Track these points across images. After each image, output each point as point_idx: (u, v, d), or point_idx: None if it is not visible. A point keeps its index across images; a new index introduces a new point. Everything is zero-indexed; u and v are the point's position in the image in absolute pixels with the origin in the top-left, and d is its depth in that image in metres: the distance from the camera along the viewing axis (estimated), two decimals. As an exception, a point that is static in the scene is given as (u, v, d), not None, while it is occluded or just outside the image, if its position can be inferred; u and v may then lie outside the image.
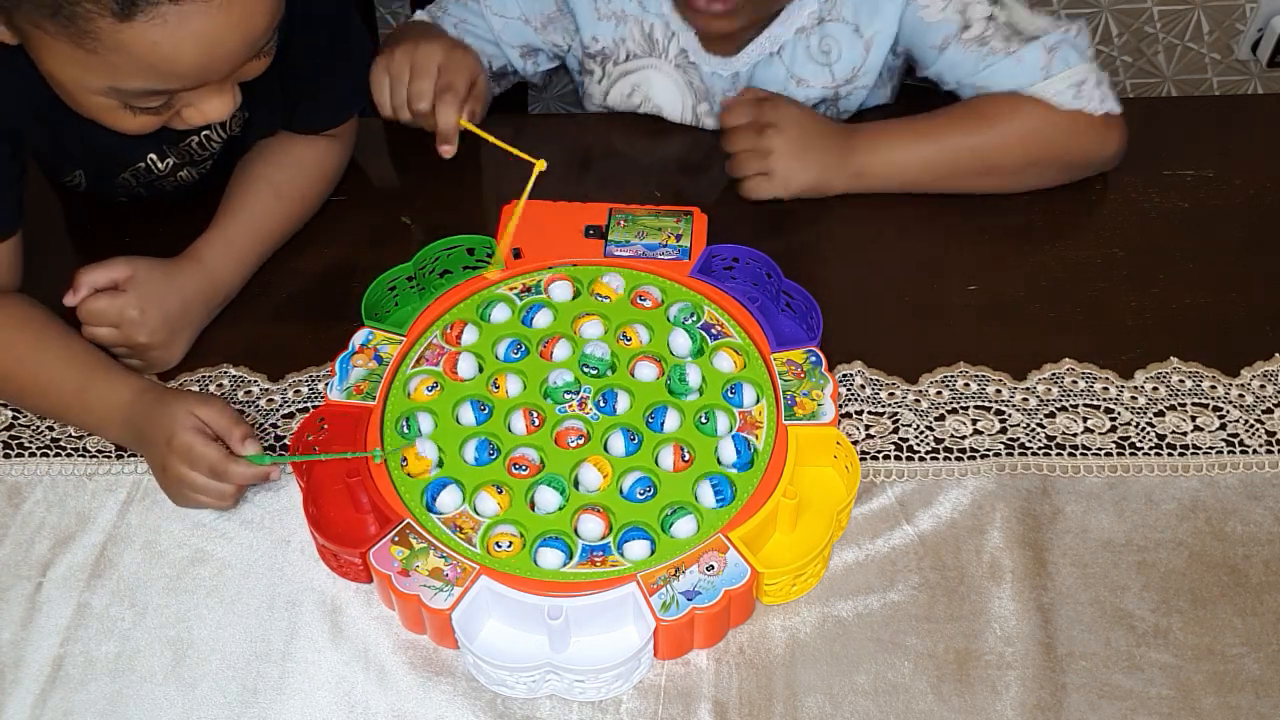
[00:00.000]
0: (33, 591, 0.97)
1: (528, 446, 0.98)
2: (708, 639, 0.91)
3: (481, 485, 0.95)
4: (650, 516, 0.93)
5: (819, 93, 1.33)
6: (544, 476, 0.95)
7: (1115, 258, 1.21)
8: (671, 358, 1.05)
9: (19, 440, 1.07)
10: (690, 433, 0.99)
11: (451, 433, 0.99)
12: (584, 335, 1.06)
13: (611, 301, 1.09)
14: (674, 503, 0.94)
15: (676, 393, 1.01)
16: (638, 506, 0.94)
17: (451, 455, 0.97)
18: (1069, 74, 1.21)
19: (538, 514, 0.94)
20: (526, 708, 0.89)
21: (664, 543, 0.92)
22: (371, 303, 1.08)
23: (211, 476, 0.97)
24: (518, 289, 1.10)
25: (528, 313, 1.08)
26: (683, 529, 0.92)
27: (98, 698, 0.90)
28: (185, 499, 1.00)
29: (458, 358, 1.03)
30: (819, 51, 1.30)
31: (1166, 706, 0.88)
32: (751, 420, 0.99)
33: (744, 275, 1.13)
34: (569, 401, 1.01)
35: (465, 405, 1.00)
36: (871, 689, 0.89)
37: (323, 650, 0.92)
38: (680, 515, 0.93)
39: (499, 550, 0.91)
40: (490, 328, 1.07)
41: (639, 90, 1.38)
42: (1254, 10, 2.06)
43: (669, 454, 0.97)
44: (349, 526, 0.95)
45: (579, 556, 0.91)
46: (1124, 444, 1.04)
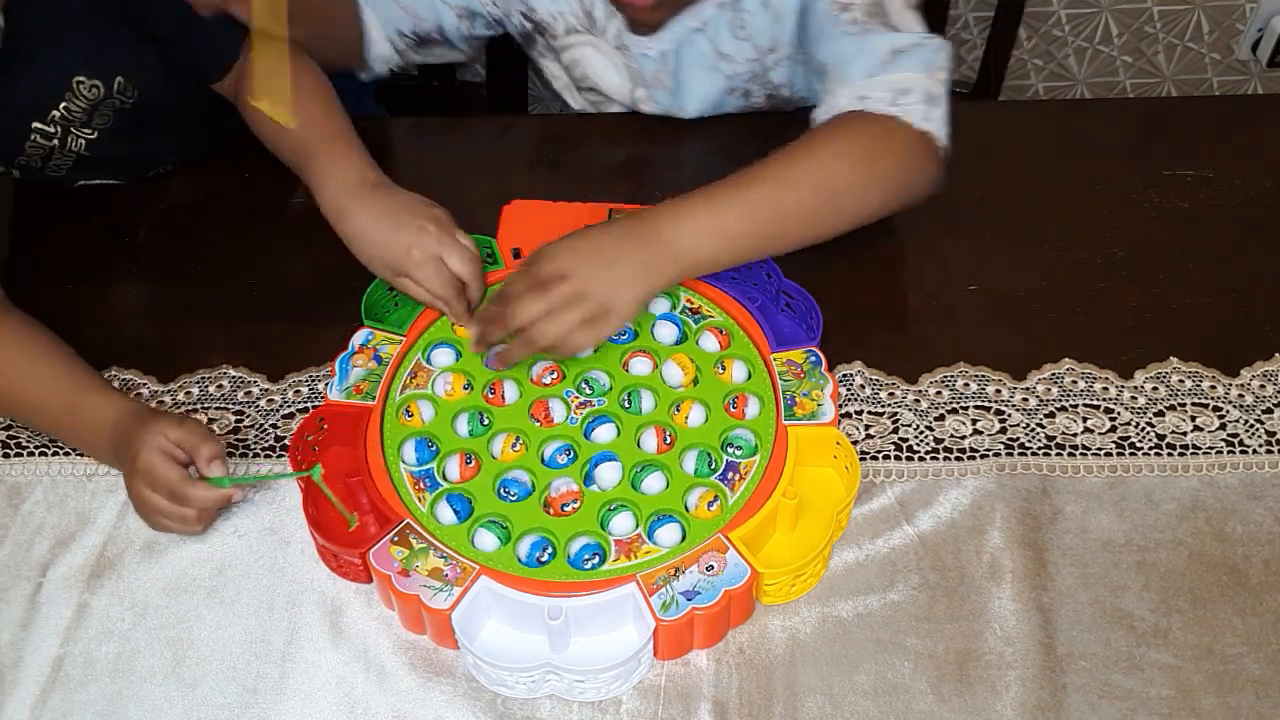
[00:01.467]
0: (33, 592, 0.97)
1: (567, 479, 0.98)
2: (707, 639, 0.91)
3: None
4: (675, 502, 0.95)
5: (745, 66, 1.31)
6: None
7: (1115, 258, 1.20)
8: (661, 348, 1.06)
9: (18, 440, 1.07)
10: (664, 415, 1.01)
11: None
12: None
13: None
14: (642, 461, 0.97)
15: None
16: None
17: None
18: (897, 78, 1.11)
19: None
20: (526, 708, 0.89)
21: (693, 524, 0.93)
22: (371, 303, 1.08)
23: (171, 499, 0.96)
24: None
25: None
26: (667, 537, 0.93)
27: (98, 698, 0.91)
28: (153, 522, 0.99)
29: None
30: (737, 27, 1.28)
31: (1166, 706, 0.88)
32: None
33: (743, 275, 1.12)
34: None
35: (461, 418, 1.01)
36: (871, 689, 0.89)
37: (322, 650, 0.92)
38: (650, 471, 0.96)
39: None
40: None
41: (579, 65, 1.37)
42: (1254, 10, 2.06)
43: (651, 437, 0.99)
44: (348, 527, 0.95)
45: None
46: (1124, 444, 1.04)
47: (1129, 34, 2.11)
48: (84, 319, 1.15)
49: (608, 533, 0.93)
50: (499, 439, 0.99)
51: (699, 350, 1.04)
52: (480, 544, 0.92)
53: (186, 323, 1.16)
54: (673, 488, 0.95)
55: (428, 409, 1.02)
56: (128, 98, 1.20)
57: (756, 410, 1.00)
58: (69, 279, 1.22)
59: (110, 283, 1.21)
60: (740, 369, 1.02)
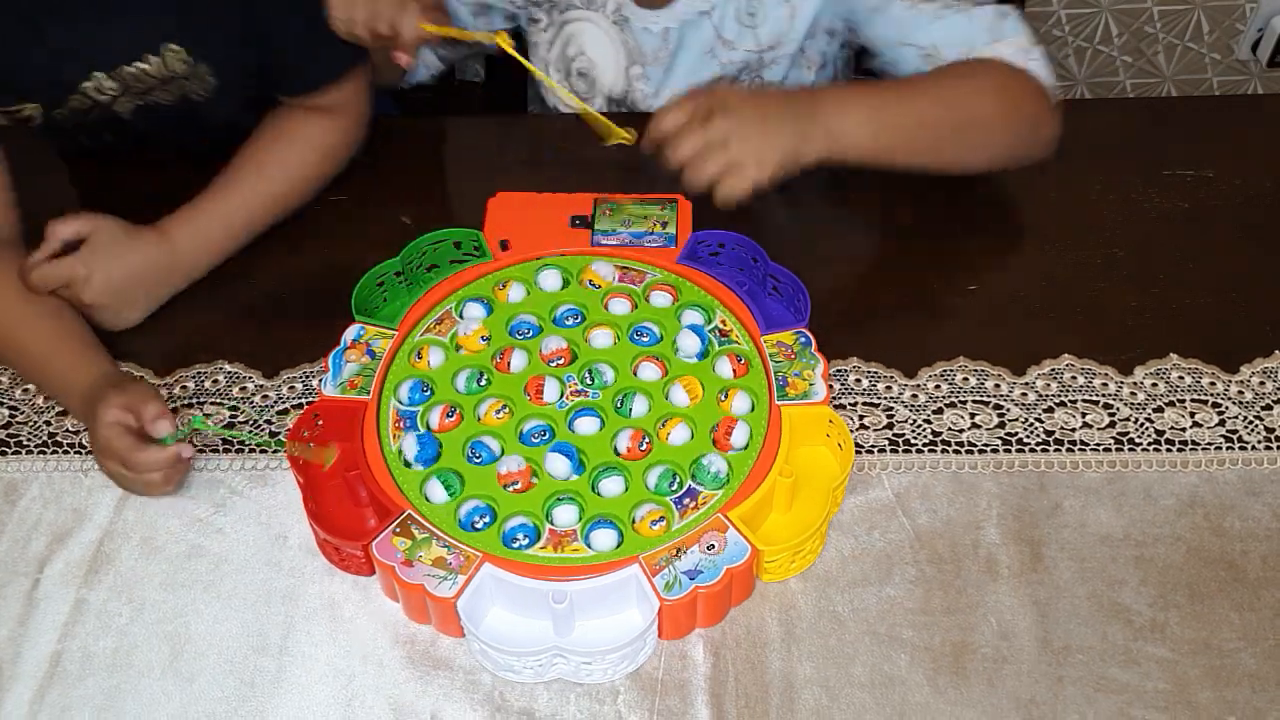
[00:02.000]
0: (30, 588, 0.97)
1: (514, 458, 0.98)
2: (710, 618, 0.92)
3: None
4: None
5: (742, 56, 1.32)
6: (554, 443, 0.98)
7: (1115, 258, 1.21)
8: (621, 318, 1.07)
9: (17, 439, 1.08)
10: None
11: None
12: (593, 344, 1.06)
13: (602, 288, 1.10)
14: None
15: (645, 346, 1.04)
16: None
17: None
18: (1018, 40, 1.19)
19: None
20: (524, 699, 0.89)
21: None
22: (361, 299, 1.08)
23: (126, 468, 0.99)
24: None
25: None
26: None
27: (95, 693, 0.91)
28: (120, 484, 1.02)
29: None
30: (745, 14, 1.29)
31: (1163, 700, 0.88)
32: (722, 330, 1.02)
33: (730, 260, 1.13)
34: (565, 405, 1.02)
35: None
36: (868, 681, 0.89)
37: (320, 644, 0.92)
38: (610, 474, 0.96)
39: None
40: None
41: (574, 42, 1.37)
42: (1254, 10, 2.07)
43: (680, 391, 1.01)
44: (349, 520, 0.95)
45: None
46: (1123, 439, 1.04)
47: (1129, 34, 2.12)
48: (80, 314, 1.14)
49: (548, 519, 0.93)
50: (487, 402, 1.00)
51: (712, 375, 1.03)
52: (430, 494, 0.94)
53: (183, 318, 1.16)
54: (626, 496, 0.95)
55: (438, 355, 1.04)
56: (202, 90, 1.20)
57: (743, 440, 0.98)
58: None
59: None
60: (743, 400, 1.01)
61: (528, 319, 1.07)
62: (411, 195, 1.29)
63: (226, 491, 1.03)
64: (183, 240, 1.16)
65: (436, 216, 1.16)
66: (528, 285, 1.10)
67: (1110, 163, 1.25)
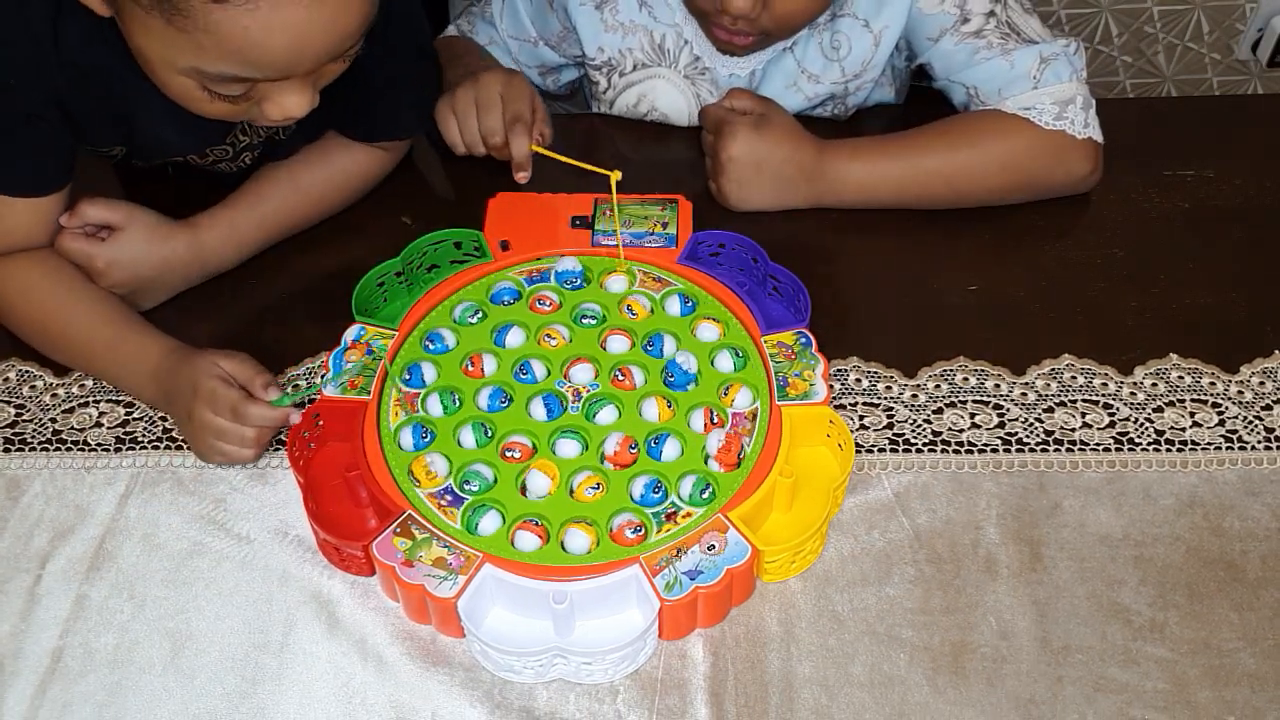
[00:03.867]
0: (32, 584, 0.97)
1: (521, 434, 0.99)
2: (711, 618, 0.92)
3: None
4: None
5: (828, 88, 1.34)
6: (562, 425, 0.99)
7: (1115, 258, 1.21)
8: (639, 324, 1.07)
9: (22, 436, 1.08)
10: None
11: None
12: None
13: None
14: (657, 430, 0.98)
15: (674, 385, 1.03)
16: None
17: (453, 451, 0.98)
18: (1058, 89, 1.20)
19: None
20: (523, 697, 0.89)
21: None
22: (361, 299, 1.08)
23: (232, 418, 1.00)
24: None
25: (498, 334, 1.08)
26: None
27: (97, 689, 0.91)
28: (209, 448, 1.02)
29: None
30: (830, 47, 1.30)
31: (1162, 700, 0.88)
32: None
33: (730, 260, 1.14)
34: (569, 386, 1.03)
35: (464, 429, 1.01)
36: (867, 681, 0.89)
37: (320, 641, 0.92)
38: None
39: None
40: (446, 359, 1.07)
41: (646, 99, 1.38)
42: (1254, 10, 2.06)
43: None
44: (349, 520, 0.95)
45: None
46: (1122, 439, 1.04)
47: (1129, 34, 2.11)
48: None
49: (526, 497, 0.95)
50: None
51: (695, 341, 1.05)
52: (463, 441, 0.98)
53: (184, 318, 1.16)
54: (605, 501, 0.95)
55: (450, 337, 1.06)
56: (284, 134, 1.22)
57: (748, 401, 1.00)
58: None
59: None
60: (745, 395, 1.02)
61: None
62: (411, 195, 1.29)
63: (227, 489, 1.03)
64: (212, 241, 1.17)
65: (436, 216, 1.16)
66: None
67: (1110, 163, 1.24)
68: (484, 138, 1.23)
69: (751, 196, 1.23)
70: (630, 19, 1.33)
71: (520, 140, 1.20)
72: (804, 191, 1.23)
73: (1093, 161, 1.23)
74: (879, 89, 1.39)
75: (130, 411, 1.09)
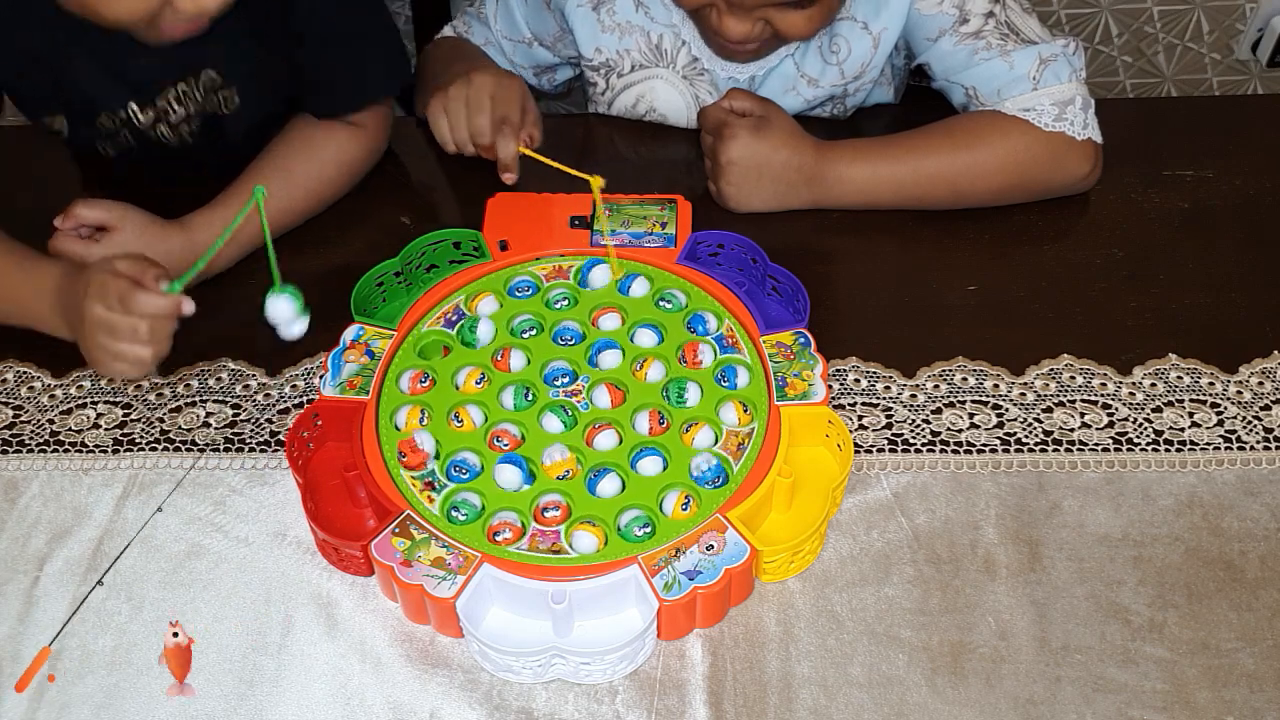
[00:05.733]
0: (30, 586, 0.97)
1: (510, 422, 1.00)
2: (709, 618, 0.92)
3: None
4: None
5: (827, 91, 1.33)
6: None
7: (1115, 258, 1.21)
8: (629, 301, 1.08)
9: (20, 437, 1.08)
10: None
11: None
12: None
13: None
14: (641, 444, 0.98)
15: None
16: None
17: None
18: (1057, 90, 1.20)
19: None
20: (522, 698, 0.89)
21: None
22: (360, 299, 1.08)
23: (121, 308, 0.96)
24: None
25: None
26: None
27: (95, 691, 0.91)
28: (102, 350, 0.98)
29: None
30: (829, 51, 1.30)
31: (1161, 700, 0.88)
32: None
33: (730, 261, 1.14)
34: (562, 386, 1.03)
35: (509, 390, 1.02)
36: (866, 681, 0.89)
37: (318, 643, 0.92)
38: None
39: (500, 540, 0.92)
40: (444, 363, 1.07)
41: (644, 100, 1.38)
42: (1254, 10, 2.06)
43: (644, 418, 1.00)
44: (348, 521, 0.96)
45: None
46: (1121, 439, 1.04)
47: (1129, 34, 2.11)
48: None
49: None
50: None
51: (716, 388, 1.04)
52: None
53: (185, 318, 1.16)
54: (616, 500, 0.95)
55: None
56: (228, 107, 1.21)
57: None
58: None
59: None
60: (706, 434, 1.00)
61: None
62: (410, 195, 1.30)
63: (226, 490, 1.03)
64: (204, 239, 1.16)
65: (436, 216, 1.16)
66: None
67: (1110, 163, 1.24)
68: (472, 138, 1.23)
69: (751, 199, 1.23)
70: (627, 19, 1.33)
71: (506, 142, 1.21)
72: (803, 194, 1.23)
73: (1092, 162, 1.23)
74: (878, 88, 1.39)
75: (128, 413, 1.09)
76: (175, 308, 0.97)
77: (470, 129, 1.23)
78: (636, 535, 0.92)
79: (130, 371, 1.00)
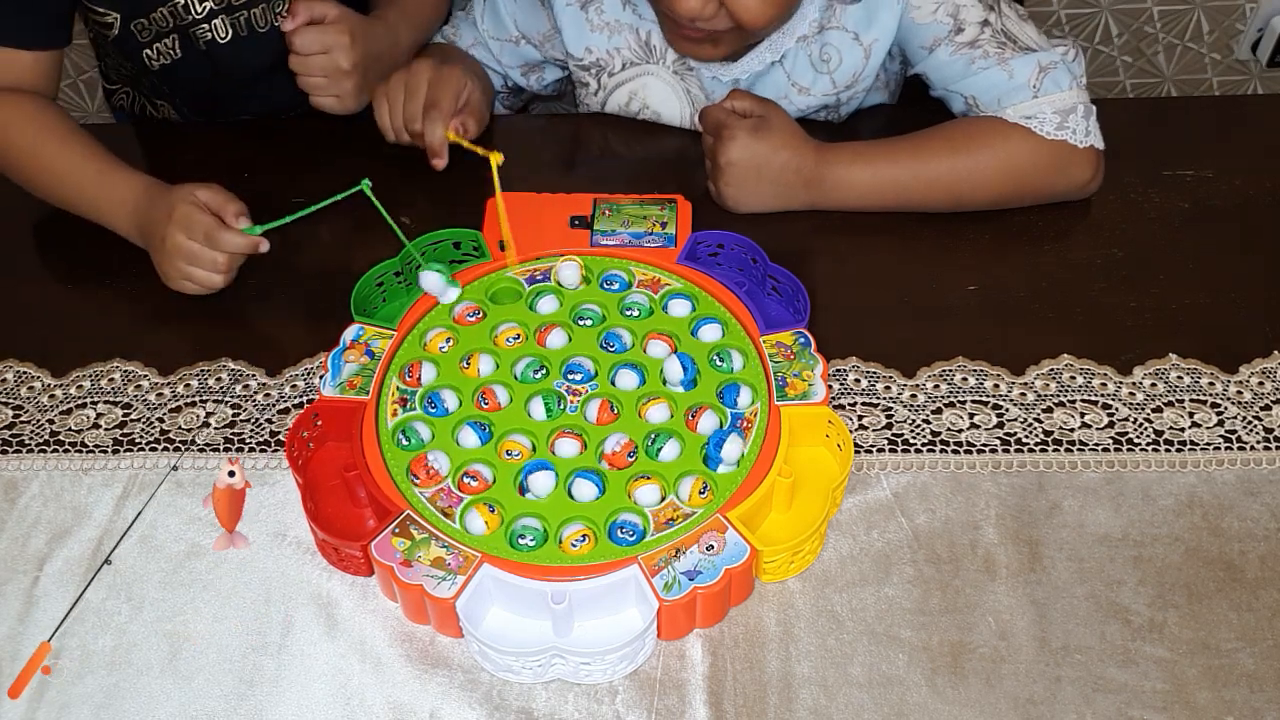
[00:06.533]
0: (29, 585, 0.97)
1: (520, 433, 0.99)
2: (709, 618, 0.92)
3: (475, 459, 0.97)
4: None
5: (819, 100, 1.33)
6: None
7: (1115, 258, 1.21)
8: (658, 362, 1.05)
9: (20, 437, 1.08)
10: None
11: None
12: (550, 346, 1.07)
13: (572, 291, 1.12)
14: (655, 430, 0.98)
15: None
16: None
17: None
18: (1058, 98, 1.20)
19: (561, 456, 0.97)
20: (522, 698, 0.89)
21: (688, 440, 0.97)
22: (360, 299, 1.08)
23: (206, 243, 1.10)
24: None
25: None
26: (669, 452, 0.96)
27: (94, 691, 0.91)
28: (179, 272, 1.13)
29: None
30: (819, 60, 1.30)
31: (1161, 700, 0.88)
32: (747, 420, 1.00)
33: (730, 261, 1.14)
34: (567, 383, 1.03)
35: (465, 429, 1.00)
36: (865, 681, 0.89)
37: (318, 643, 0.92)
38: (663, 440, 0.97)
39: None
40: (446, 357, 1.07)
41: (636, 98, 1.38)
42: (1254, 10, 2.06)
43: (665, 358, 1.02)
44: (348, 521, 0.96)
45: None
46: (1121, 440, 1.04)
47: (1129, 34, 2.11)
48: (85, 312, 1.15)
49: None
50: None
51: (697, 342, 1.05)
52: (462, 441, 0.98)
53: (186, 318, 1.16)
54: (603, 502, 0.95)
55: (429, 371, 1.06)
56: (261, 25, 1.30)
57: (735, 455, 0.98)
58: (70, 273, 1.23)
59: (111, 277, 1.21)
60: (711, 417, 1.00)
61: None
62: (411, 195, 1.29)
63: (226, 491, 1.03)
64: (400, 31, 1.32)
65: (436, 216, 1.16)
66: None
67: (1110, 163, 1.24)
68: (405, 123, 1.26)
69: (751, 200, 1.23)
70: (615, 17, 1.33)
71: (434, 126, 1.23)
72: (803, 196, 1.23)
73: (1093, 169, 1.23)
74: (873, 94, 1.39)
75: (128, 413, 1.09)
76: (253, 247, 1.12)
77: (405, 114, 1.26)
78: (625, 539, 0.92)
79: (198, 291, 1.14)
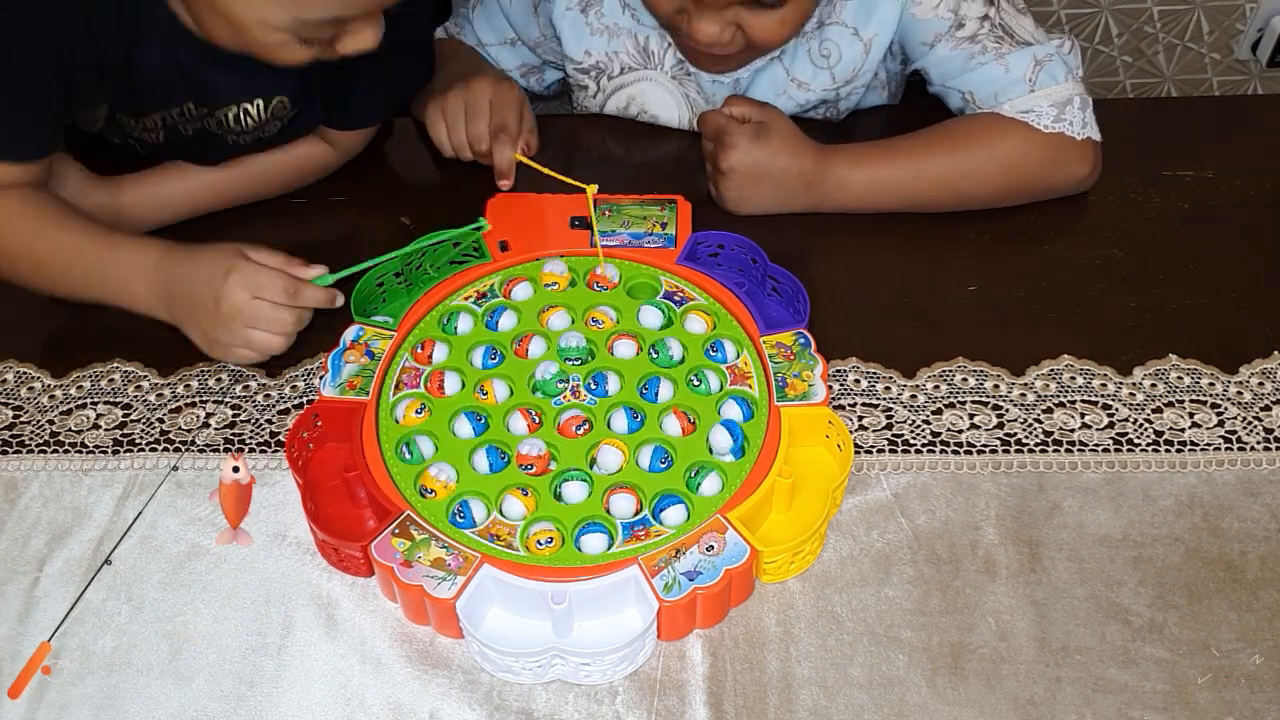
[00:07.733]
0: (29, 586, 0.97)
1: (535, 441, 0.98)
2: (709, 619, 0.92)
3: (505, 490, 0.95)
4: (677, 482, 0.95)
5: (819, 95, 1.33)
6: (566, 471, 0.96)
7: (1115, 258, 1.21)
8: (647, 332, 1.06)
9: (20, 438, 1.08)
10: (686, 396, 1.01)
11: (455, 448, 0.99)
12: (552, 328, 1.07)
13: (563, 289, 1.12)
14: (694, 463, 0.96)
15: (660, 364, 1.03)
16: (662, 476, 0.96)
17: (464, 470, 0.97)
18: (1054, 91, 1.20)
19: (568, 504, 0.95)
20: (522, 699, 0.89)
21: (697, 503, 0.94)
22: (360, 299, 1.08)
23: (286, 299, 1.04)
24: (473, 297, 1.11)
25: (491, 317, 1.08)
26: (710, 487, 0.94)
27: (94, 691, 0.91)
28: (237, 339, 1.05)
29: (441, 376, 1.03)
30: (819, 55, 1.30)
31: (1161, 701, 0.88)
32: (740, 372, 1.02)
33: (730, 261, 1.14)
34: (563, 391, 1.02)
35: (460, 418, 1.00)
36: (866, 681, 0.89)
37: (318, 643, 0.92)
38: (705, 474, 0.95)
39: (541, 548, 0.91)
40: (460, 339, 1.07)
41: (635, 102, 1.38)
42: (1254, 10, 2.06)
43: (673, 421, 0.99)
44: (348, 521, 0.95)
45: (622, 535, 0.92)
46: (1121, 440, 1.04)
47: (1129, 34, 2.11)
48: (84, 312, 1.15)
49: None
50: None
51: (687, 334, 1.05)
52: (570, 496, 0.96)
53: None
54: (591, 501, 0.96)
55: (441, 351, 1.06)
56: (269, 129, 1.23)
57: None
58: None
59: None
60: (729, 347, 1.03)
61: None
62: (411, 195, 1.30)
63: (226, 491, 1.03)
64: (125, 198, 1.20)
65: (436, 216, 1.16)
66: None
67: (1110, 163, 1.24)
68: (470, 143, 1.25)
69: (751, 204, 1.23)
70: (614, 22, 1.33)
71: (503, 149, 1.23)
72: (803, 199, 1.23)
73: (1092, 161, 1.23)
74: (871, 93, 1.39)
75: (128, 414, 1.09)
76: (330, 300, 1.08)
77: (469, 135, 1.25)
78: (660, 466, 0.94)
79: (253, 358, 1.08)
